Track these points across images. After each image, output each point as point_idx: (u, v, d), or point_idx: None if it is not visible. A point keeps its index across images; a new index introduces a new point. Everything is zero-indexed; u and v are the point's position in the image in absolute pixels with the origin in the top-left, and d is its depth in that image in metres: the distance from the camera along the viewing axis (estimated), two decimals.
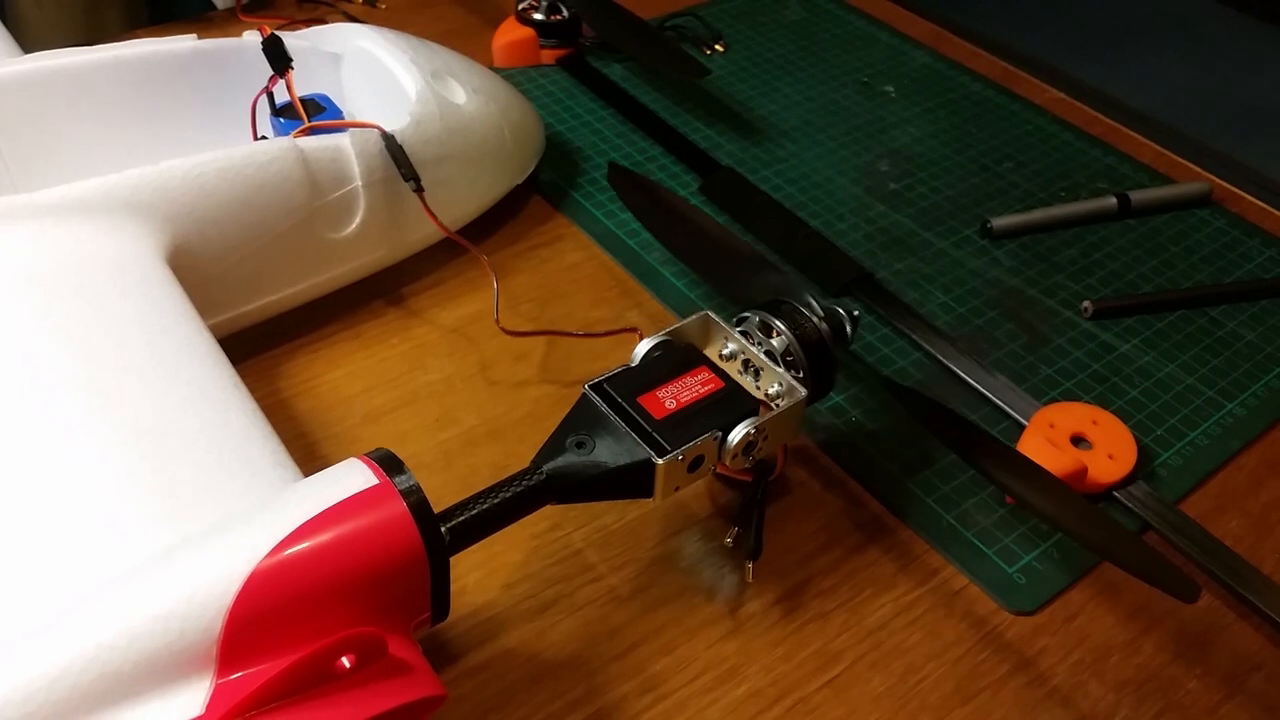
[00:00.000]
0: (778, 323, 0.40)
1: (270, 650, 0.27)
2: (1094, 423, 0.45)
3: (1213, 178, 0.63)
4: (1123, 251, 0.57)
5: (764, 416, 0.37)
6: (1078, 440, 0.45)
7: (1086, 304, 0.53)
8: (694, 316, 0.40)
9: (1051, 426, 0.45)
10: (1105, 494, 0.44)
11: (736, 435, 0.36)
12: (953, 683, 0.38)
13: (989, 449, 0.41)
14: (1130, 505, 0.43)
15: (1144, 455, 0.46)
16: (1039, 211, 0.59)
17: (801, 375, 0.40)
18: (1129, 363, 0.51)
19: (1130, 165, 0.64)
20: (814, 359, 0.40)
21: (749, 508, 0.40)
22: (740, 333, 0.41)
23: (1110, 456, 0.44)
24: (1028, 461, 0.40)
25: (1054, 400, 0.48)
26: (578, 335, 0.49)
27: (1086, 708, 0.38)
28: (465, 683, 0.37)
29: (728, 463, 0.37)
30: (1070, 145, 0.65)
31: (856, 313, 0.42)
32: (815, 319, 0.40)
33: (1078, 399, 0.49)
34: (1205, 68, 1.81)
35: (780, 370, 0.39)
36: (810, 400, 0.39)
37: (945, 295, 0.54)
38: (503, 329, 0.48)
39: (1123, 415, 0.47)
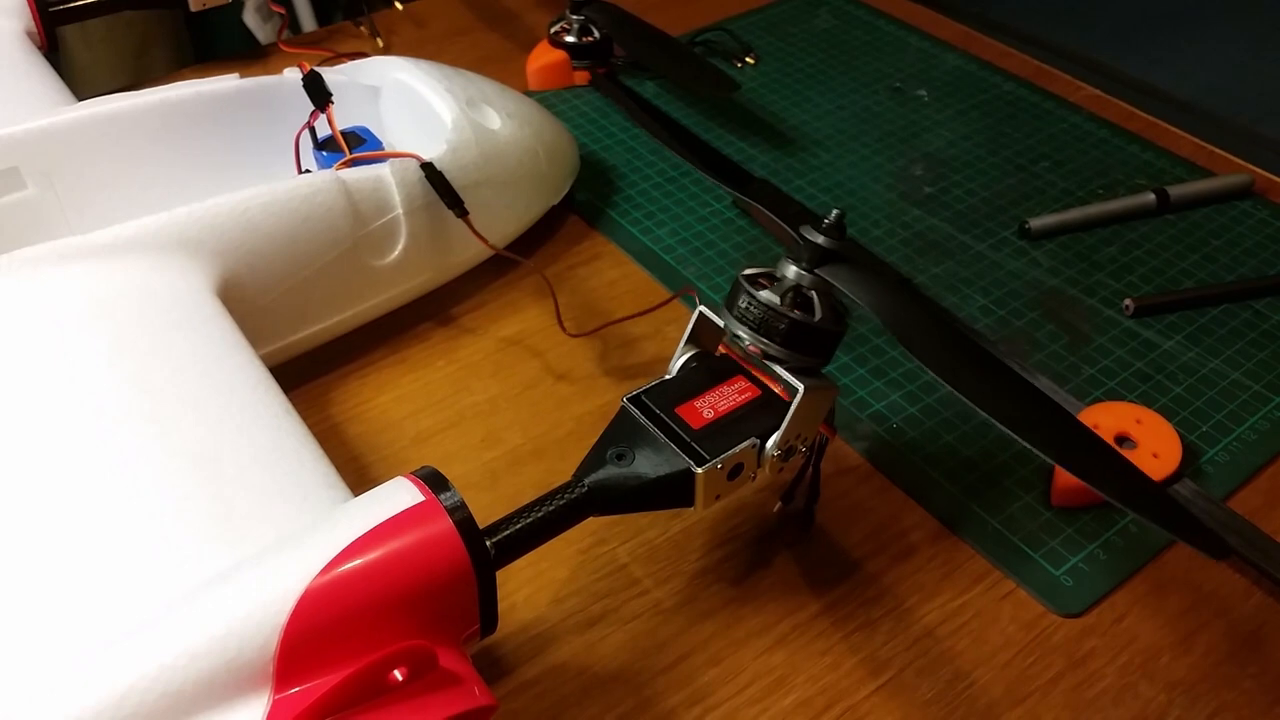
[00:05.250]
0: (743, 330, 0.38)
1: (325, 665, 0.28)
2: (1138, 422, 0.45)
3: (1256, 168, 0.62)
4: (1163, 248, 0.57)
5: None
6: (1122, 440, 0.45)
7: (1128, 302, 0.53)
8: (693, 316, 0.40)
9: (1095, 427, 0.45)
10: None
11: (774, 441, 0.37)
12: (1002, 687, 0.38)
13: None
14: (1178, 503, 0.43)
15: (1190, 453, 0.45)
16: (1077, 210, 0.59)
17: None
18: (1172, 360, 0.50)
19: (1169, 160, 0.63)
20: (796, 342, 0.37)
21: (799, 481, 0.40)
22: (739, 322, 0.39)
23: (1155, 455, 0.44)
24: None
25: (1097, 400, 0.48)
26: (631, 317, 0.51)
27: (1138, 709, 0.38)
28: (518, 697, 0.38)
29: (767, 470, 0.38)
30: (1107, 142, 0.65)
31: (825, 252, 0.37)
32: (782, 299, 0.37)
33: (1121, 398, 0.48)
34: (1251, 51, 1.78)
35: (777, 370, 0.38)
36: (817, 369, 0.38)
37: (984, 298, 0.54)
38: (568, 332, 0.51)
39: (1167, 413, 0.46)
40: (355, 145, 0.52)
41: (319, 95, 0.51)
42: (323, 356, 0.50)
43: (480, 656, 0.39)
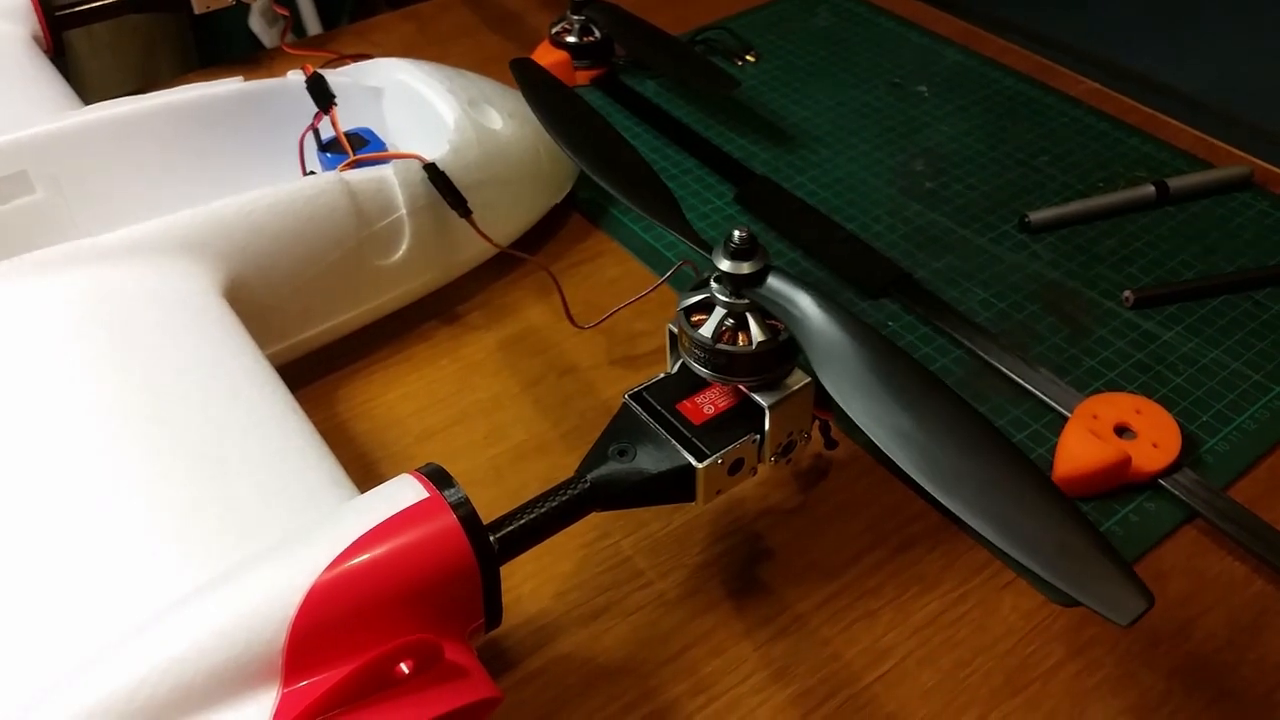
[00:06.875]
0: (699, 370, 0.38)
1: (332, 659, 0.28)
2: (1137, 412, 0.45)
3: (1255, 160, 0.62)
4: (1163, 239, 0.57)
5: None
6: (1122, 430, 0.45)
7: (1127, 293, 0.53)
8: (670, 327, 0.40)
9: (1095, 418, 0.45)
10: (1151, 482, 0.44)
11: (765, 452, 0.37)
12: (1002, 675, 0.39)
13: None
14: (1177, 493, 0.43)
15: (1190, 442, 0.46)
16: (1077, 203, 0.59)
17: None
18: (1172, 350, 0.51)
19: (1169, 152, 0.63)
20: (742, 369, 0.38)
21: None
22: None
23: (1155, 445, 0.44)
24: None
25: (1097, 391, 0.48)
26: (634, 301, 0.51)
27: (1137, 697, 0.38)
28: (524, 689, 0.38)
29: (769, 465, 0.38)
30: (1107, 135, 0.65)
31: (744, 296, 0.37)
32: (716, 332, 0.38)
33: (1121, 389, 0.49)
34: (1250, 44, 1.78)
35: (743, 390, 0.38)
36: (784, 375, 0.38)
37: (985, 291, 0.54)
38: (577, 324, 0.51)
39: (1167, 403, 0.47)
40: (359, 146, 0.52)
41: (322, 97, 0.52)
42: (329, 356, 0.50)
43: (486, 648, 0.39)
